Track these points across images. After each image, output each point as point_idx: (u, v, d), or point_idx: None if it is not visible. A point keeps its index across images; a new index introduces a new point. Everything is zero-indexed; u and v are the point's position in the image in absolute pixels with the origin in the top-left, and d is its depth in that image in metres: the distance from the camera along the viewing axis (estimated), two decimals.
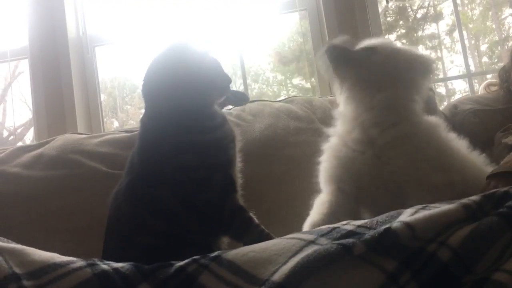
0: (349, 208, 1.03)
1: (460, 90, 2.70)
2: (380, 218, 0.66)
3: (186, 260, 0.64)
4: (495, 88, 1.66)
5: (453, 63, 2.79)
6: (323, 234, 0.63)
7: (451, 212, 0.62)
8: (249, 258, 0.61)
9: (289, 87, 2.58)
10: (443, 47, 2.79)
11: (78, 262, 0.63)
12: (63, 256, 0.66)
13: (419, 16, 2.78)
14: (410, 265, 0.56)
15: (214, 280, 0.59)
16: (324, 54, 1.08)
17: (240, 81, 2.18)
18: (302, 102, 1.58)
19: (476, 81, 2.36)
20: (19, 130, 2.70)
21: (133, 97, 2.69)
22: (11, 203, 1.31)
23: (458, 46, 2.53)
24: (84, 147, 1.42)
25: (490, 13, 2.71)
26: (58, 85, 2.03)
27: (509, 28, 2.81)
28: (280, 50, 2.50)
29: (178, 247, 0.91)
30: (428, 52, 2.73)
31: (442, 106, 1.75)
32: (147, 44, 2.20)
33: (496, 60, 2.67)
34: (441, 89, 2.76)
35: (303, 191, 1.34)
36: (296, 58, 2.44)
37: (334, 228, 0.64)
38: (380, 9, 2.17)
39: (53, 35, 2.07)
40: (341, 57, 1.07)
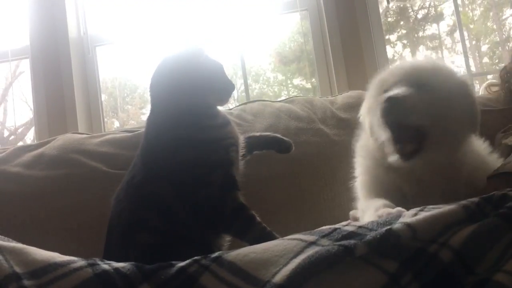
0: None
1: None
2: (381, 219, 0.67)
3: (187, 261, 0.64)
4: (496, 88, 1.66)
5: (454, 63, 2.78)
6: (324, 235, 0.63)
7: (451, 213, 0.62)
8: (250, 259, 0.61)
9: (290, 87, 2.58)
10: (444, 47, 2.78)
11: (79, 262, 0.63)
12: (64, 256, 0.66)
13: (420, 16, 2.78)
14: (411, 266, 0.56)
15: (215, 281, 0.59)
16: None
17: (241, 81, 2.18)
18: (302, 102, 1.58)
19: (477, 81, 2.36)
20: (19, 130, 2.70)
21: (133, 97, 2.68)
22: (12, 202, 1.31)
23: (459, 47, 2.52)
24: (84, 147, 1.42)
25: (491, 13, 2.71)
26: (59, 85, 2.03)
27: (510, 29, 2.80)
28: (281, 50, 2.50)
29: (178, 245, 0.92)
30: (428, 52, 2.73)
31: None
32: (147, 44, 2.21)
33: (497, 60, 2.67)
34: None
35: (304, 191, 1.34)
36: (297, 58, 2.44)
37: (335, 229, 0.65)
38: (381, 10, 2.17)
39: (54, 35, 2.07)
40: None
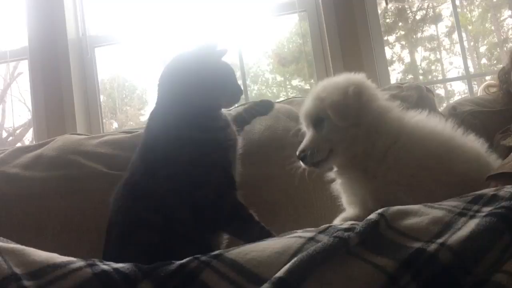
0: None
1: (459, 91, 2.71)
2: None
3: (187, 258, 0.64)
4: (494, 89, 1.66)
5: (452, 64, 2.79)
6: (321, 231, 0.67)
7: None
8: (251, 257, 0.62)
9: (289, 88, 2.59)
10: (442, 48, 2.79)
11: (78, 262, 0.63)
12: (63, 256, 0.66)
13: (418, 17, 2.78)
14: (411, 266, 0.56)
15: (217, 278, 0.60)
16: None
17: (240, 82, 2.18)
18: (301, 103, 1.58)
19: (475, 82, 2.36)
20: (18, 131, 2.70)
21: (132, 98, 2.68)
22: (10, 203, 1.31)
23: (457, 48, 2.54)
24: (83, 148, 1.42)
25: (489, 14, 2.72)
26: (58, 86, 2.03)
27: (508, 30, 2.81)
28: (280, 51, 2.50)
29: (176, 244, 0.92)
30: (427, 53, 2.74)
31: (441, 108, 1.75)
32: (147, 45, 2.21)
33: (495, 61, 2.68)
34: (440, 91, 2.77)
35: (303, 192, 1.34)
36: (296, 59, 2.45)
37: (330, 226, 0.69)
38: (380, 11, 2.17)
39: (53, 36, 2.07)
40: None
